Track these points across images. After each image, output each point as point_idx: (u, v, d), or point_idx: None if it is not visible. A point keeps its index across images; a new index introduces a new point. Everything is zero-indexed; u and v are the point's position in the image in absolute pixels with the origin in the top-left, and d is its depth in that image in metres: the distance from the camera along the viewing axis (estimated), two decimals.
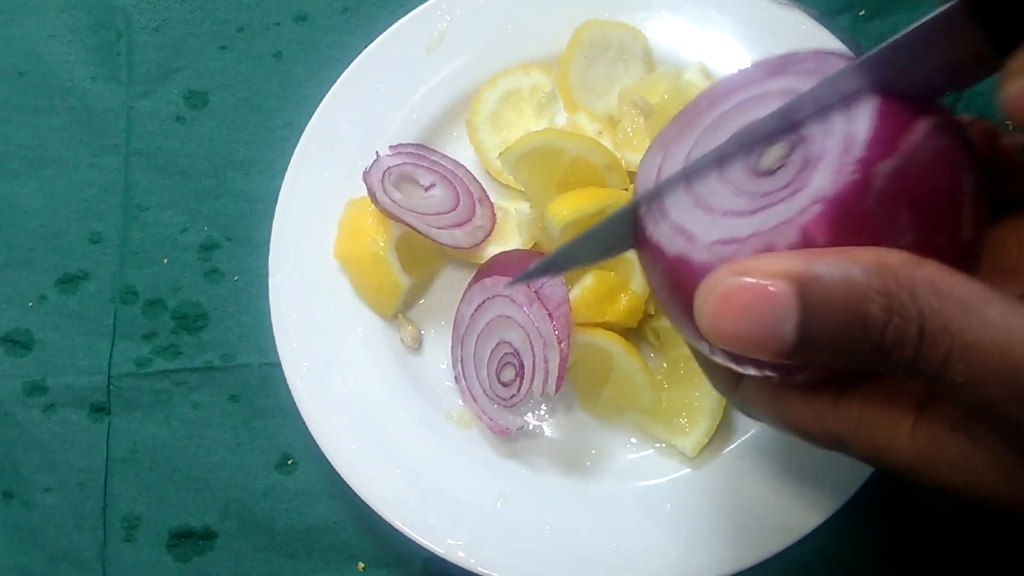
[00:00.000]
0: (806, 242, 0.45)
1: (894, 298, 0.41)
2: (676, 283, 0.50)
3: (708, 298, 0.44)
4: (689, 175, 0.53)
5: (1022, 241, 0.53)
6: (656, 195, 0.54)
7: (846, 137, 0.47)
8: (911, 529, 0.85)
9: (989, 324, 0.40)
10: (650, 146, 0.57)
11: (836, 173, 0.46)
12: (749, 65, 0.57)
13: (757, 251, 0.47)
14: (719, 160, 0.53)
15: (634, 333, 0.88)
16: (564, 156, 0.86)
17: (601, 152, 0.87)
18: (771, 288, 0.42)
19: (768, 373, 0.50)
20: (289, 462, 0.91)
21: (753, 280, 0.42)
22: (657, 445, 0.86)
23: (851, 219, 0.45)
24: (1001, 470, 0.44)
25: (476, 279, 0.87)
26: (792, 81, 0.52)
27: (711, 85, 0.57)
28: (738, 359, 0.49)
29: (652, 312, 0.87)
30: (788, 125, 0.50)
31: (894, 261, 0.42)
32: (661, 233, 0.52)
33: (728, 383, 0.55)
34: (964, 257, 0.48)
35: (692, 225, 0.51)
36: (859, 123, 0.47)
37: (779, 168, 0.49)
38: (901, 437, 0.46)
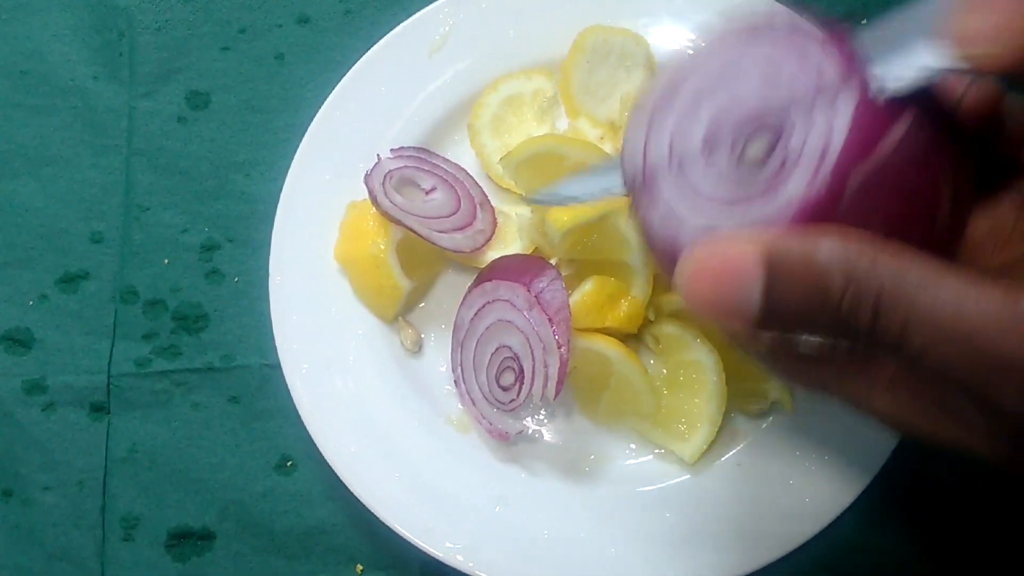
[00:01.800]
0: None
1: (853, 267, 0.43)
2: (671, 260, 0.52)
3: (686, 266, 0.46)
4: (680, 156, 0.55)
5: (1018, 207, 0.55)
6: (647, 175, 0.55)
7: (824, 139, 0.48)
8: (908, 537, 0.85)
9: (944, 291, 0.42)
10: (632, 116, 0.58)
11: (811, 178, 0.47)
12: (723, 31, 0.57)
13: None
14: (707, 141, 0.54)
15: (634, 339, 0.88)
16: (565, 161, 0.86)
17: (602, 158, 0.87)
18: (739, 257, 0.45)
19: None
20: (288, 464, 0.91)
21: (726, 249, 0.45)
22: (656, 451, 0.86)
23: (823, 223, 0.47)
24: (967, 425, 0.47)
25: (476, 283, 0.87)
26: (769, 48, 0.53)
27: (691, 54, 0.57)
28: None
29: (652, 318, 0.87)
30: (774, 113, 0.51)
31: (858, 236, 0.44)
32: (653, 213, 0.54)
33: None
34: (938, 246, 0.49)
35: (681, 208, 0.53)
36: (837, 123, 0.48)
37: (762, 161, 0.50)
38: (878, 390, 0.49)
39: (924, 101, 0.49)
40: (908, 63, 0.47)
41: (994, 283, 0.43)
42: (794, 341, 0.49)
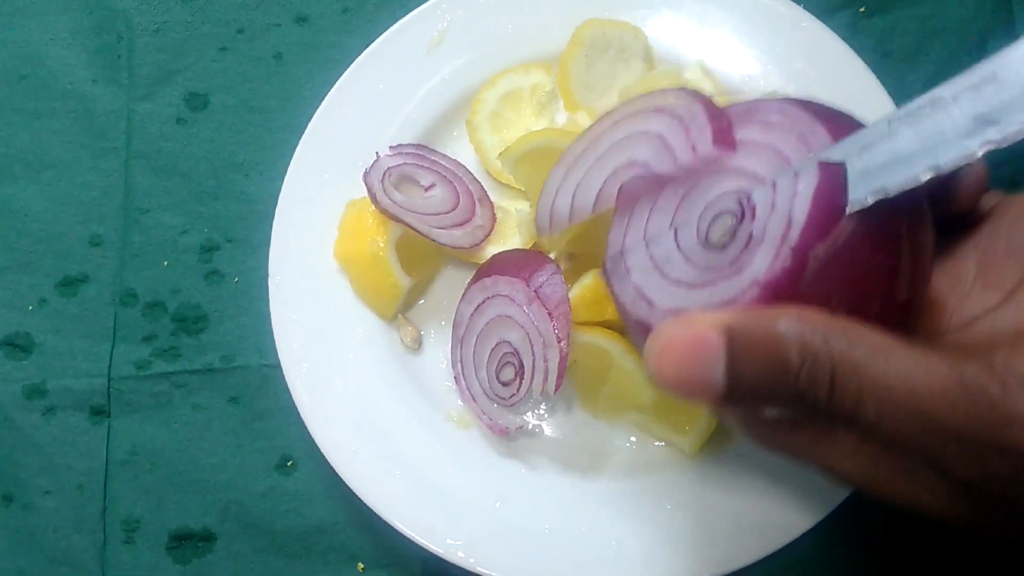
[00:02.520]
0: None
1: (808, 343, 0.46)
2: (643, 335, 0.55)
3: (653, 348, 0.49)
4: (650, 240, 0.59)
5: (976, 261, 0.59)
6: (620, 257, 0.61)
7: (787, 218, 0.51)
8: (910, 527, 0.85)
9: (894, 365, 0.45)
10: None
11: (773, 258, 0.51)
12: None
13: None
14: (674, 227, 0.58)
15: None
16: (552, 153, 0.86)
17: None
18: (703, 337, 0.48)
19: None
20: (289, 463, 0.90)
21: (690, 329, 0.48)
22: (657, 443, 0.85)
23: (785, 301, 0.49)
24: (925, 488, 0.49)
25: (476, 279, 0.86)
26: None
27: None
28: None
29: None
30: (738, 195, 0.55)
31: (812, 315, 0.47)
32: (625, 294, 0.59)
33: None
34: (899, 318, 0.52)
35: (650, 291, 0.57)
36: (799, 204, 0.51)
37: (727, 242, 0.54)
38: (844, 455, 0.51)
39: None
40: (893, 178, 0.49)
41: (941, 356, 0.45)
42: (763, 412, 0.52)
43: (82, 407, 0.93)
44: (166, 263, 0.96)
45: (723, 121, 0.59)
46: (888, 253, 0.51)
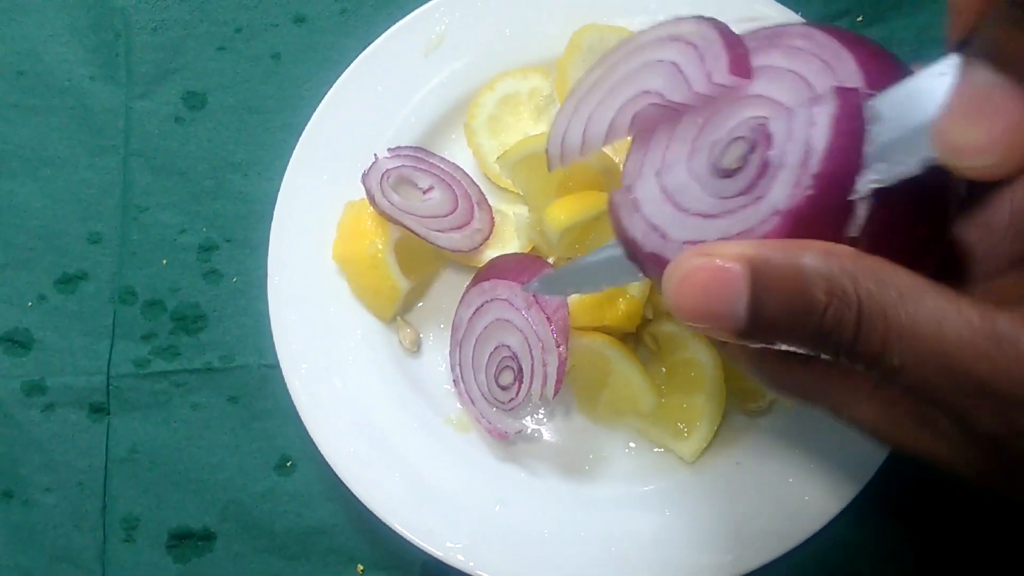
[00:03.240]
0: None
1: (836, 282, 0.44)
2: (658, 268, 0.52)
3: (672, 277, 0.47)
4: (662, 170, 0.56)
5: (1012, 210, 0.56)
6: (627, 188, 0.57)
7: (805, 145, 0.48)
8: (908, 535, 0.86)
9: (924, 310, 0.43)
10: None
11: (794, 186, 0.48)
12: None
13: None
14: (689, 151, 0.55)
15: (633, 337, 0.88)
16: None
17: (599, 156, 0.87)
18: (726, 268, 0.45)
19: None
20: (288, 464, 0.91)
21: (711, 261, 0.46)
22: (656, 450, 0.86)
23: (807, 231, 0.47)
24: (943, 439, 0.47)
25: (474, 282, 0.87)
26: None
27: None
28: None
29: (651, 316, 0.87)
30: (752, 121, 0.52)
31: (840, 251, 0.45)
32: (635, 227, 0.55)
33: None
34: (921, 253, 0.50)
35: (664, 223, 0.54)
36: (818, 129, 0.48)
37: (738, 169, 0.51)
38: (859, 399, 0.50)
39: None
40: (904, 156, 0.46)
41: (972, 304, 0.43)
42: (780, 347, 0.50)
43: (82, 404, 0.93)
44: (165, 262, 0.97)
45: (741, 48, 0.56)
46: (908, 185, 0.47)
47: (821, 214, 0.48)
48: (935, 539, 0.86)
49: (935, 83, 0.44)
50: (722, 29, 0.57)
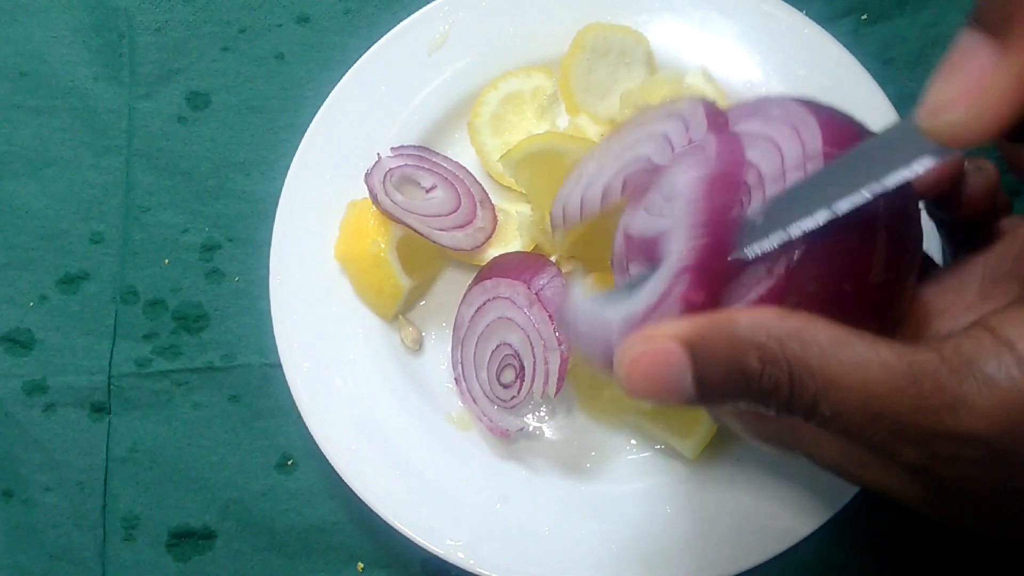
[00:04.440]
0: (689, 307, 0.53)
1: (765, 348, 0.47)
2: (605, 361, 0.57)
3: (621, 364, 0.50)
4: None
5: (984, 276, 0.59)
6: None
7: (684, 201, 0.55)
8: (909, 533, 0.85)
9: (845, 361, 0.46)
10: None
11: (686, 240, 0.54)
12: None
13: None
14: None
15: None
16: (565, 159, 0.85)
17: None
18: (667, 351, 0.49)
19: None
20: (289, 462, 0.91)
21: (652, 345, 0.49)
22: (657, 447, 0.86)
23: (718, 279, 0.53)
24: (893, 474, 0.50)
25: (476, 281, 0.87)
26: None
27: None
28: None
29: None
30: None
31: (766, 317, 0.48)
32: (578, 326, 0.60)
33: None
34: (875, 301, 0.54)
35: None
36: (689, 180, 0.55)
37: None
38: (823, 443, 0.53)
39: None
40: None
41: (890, 347, 0.46)
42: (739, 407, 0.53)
43: (83, 404, 0.93)
44: (167, 261, 0.96)
45: (721, 117, 0.61)
46: (861, 238, 0.52)
47: (721, 258, 0.53)
48: (937, 533, 0.85)
49: None
50: (707, 104, 0.62)
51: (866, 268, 0.53)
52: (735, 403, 0.50)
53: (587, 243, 0.87)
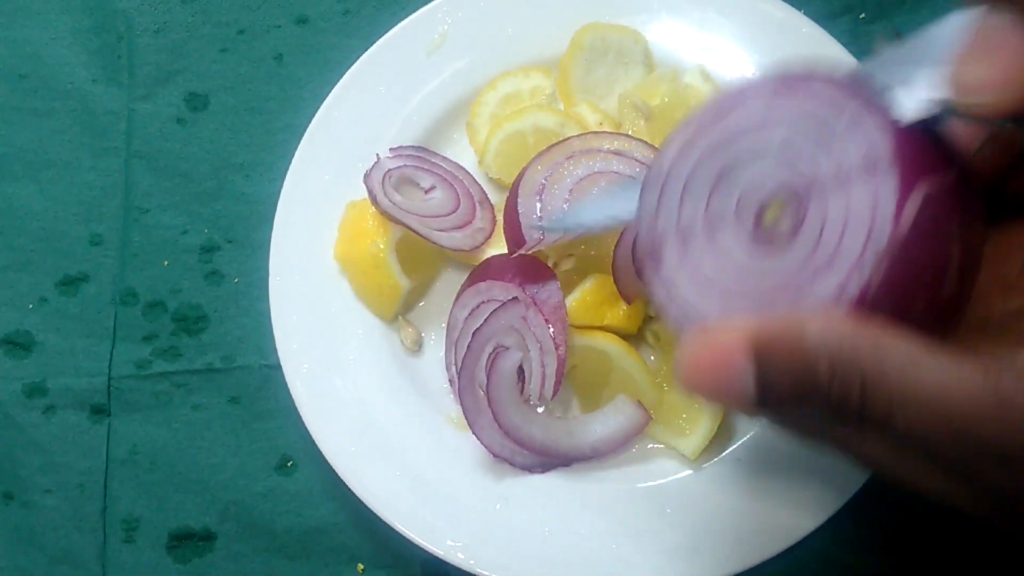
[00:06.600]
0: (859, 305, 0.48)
1: (837, 358, 0.45)
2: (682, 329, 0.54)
3: (682, 360, 0.49)
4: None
5: None
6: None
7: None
8: (910, 530, 0.85)
9: (926, 376, 0.44)
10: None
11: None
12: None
13: None
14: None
15: (634, 335, 0.88)
16: (525, 136, 0.89)
17: (550, 114, 0.91)
18: (729, 351, 0.47)
19: None
20: (289, 464, 0.91)
21: (715, 341, 0.48)
22: (657, 447, 0.86)
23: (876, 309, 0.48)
24: (954, 486, 0.48)
25: (470, 282, 0.87)
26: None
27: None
28: None
29: (653, 314, 0.87)
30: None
31: (840, 321, 0.46)
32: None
33: None
34: (944, 313, 0.51)
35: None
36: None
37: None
38: (868, 439, 0.50)
39: (939, 171, 0.49)
40: (912, 96, 0.48)
41: (974, 365, 0.44)
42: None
43: (82, 406, 0.93)
44: (166, 263, 0.96)
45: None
46: (936, 255, 0.49)
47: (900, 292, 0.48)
48: (939, 529, 0.85)
49: (943, 33, 0.46)
50: None
51: (939, 281, 0.50)
52: (797, 411, 0.49)
53: (588, 242, 0.87)
